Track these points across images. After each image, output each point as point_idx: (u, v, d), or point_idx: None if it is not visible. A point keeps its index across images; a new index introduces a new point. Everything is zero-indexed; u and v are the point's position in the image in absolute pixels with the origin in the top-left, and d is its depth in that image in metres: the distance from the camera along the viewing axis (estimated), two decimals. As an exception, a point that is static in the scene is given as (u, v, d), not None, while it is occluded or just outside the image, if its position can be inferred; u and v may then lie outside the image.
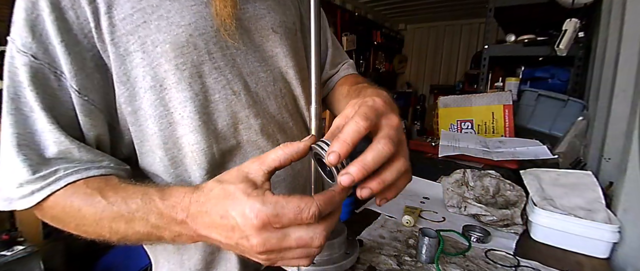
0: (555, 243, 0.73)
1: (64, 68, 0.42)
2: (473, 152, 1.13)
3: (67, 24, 0.42)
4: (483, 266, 0.63)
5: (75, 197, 0.41)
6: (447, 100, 1.52)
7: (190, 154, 0.49)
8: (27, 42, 0.41)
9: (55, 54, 0.42)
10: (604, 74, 1.16)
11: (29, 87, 0.41)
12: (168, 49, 0.45)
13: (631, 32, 0.97)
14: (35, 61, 0.41)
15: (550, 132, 1.43)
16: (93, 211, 0.40)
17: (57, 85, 0.43)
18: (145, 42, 0.44)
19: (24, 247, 1.10)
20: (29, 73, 0.41)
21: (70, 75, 0.42)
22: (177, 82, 0.46)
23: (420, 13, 4.61)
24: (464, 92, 3.69)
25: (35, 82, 0.41)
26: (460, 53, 5.04)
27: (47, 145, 0.41)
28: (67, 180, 0.41)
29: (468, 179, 0.94)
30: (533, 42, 1.72)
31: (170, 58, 0.45)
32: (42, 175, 0.41)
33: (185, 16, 0.46)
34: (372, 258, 0.63)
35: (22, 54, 0.41)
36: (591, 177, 0.85)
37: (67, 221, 0.43)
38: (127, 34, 0.44)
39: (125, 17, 0.43)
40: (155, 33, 0.44)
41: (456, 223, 0.82)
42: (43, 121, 0.41)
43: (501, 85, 1.88)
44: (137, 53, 0.44)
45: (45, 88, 0.42)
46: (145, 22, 0.44)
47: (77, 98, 0.43)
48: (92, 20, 0.42)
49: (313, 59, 0.46)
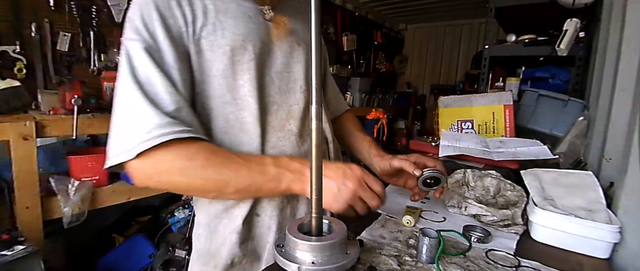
0: (556, 243, 0.73)
1: (167, 54, 0.60)
2: (473, 152, 1.13)
3: (169, 26, 0.61)
4: (484, 266, 0.63)
5: (202, 151, 0.58)
6: (448, 100, 1.51)
7: (238, 125, 0.68)
8: (144, 38, 0.59)
9: (162, 46, 0.60)
10: (605, 74, 1.16)
11: (148, 63, 0.57)
12: (227, 49, 0.65)
13: (632, 32, 0.97)
14: (151, 48, 0.58)
15: (551, 132, 1.43)
16: (230, 170, 0.58)
17: (165, 65, 0.59)
18: (212, 45, 0.64)
19: (24, 247, 1.10)
20: (147, 54, 0.57)
21: (172, 59, 0.60)
22: (232, 73, 0.66)
23: (421, 13, 4.61)
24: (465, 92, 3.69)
25: (152, 59, 0.58)
26: (461, 53, 5.04)
27: (167, 103, 0.56)
28: (188, 134, 0.56)
29: (468, 179, 0.94)
30: (534, 42, 1.72)
31: (229, 56, 0.65)
32: (167, 120, 0.55)
33: (240, 28, 0.66)
34: (373, 258, 0.63)
35: (140, 42, 0.58)
36: (592, 177, 0.85)
37: (182, 172, 0.57)
38: (202, 38, 0.64)
39: (201, 26, 0.64)
40: (220, 39, 0.65)
41: (457, 223, 0.81)
42: (162, 84, 0.57)
43: (502, 85, 1.88)
44: (207, 52, 0.65)
45: (159, 64, 0.58)
46: (214, 31, 0.64)
47: (178, 75, 0.60)
48: (183, 26, 0.63)
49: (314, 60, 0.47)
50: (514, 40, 1.81)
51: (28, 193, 1.33)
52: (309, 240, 0.54)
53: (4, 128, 1.26)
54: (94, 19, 1.88)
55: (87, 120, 1.48)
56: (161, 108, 0.55)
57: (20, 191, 1.31)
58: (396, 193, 1.03)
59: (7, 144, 1.29)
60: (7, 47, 1.62)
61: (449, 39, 5.12)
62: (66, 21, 1.79)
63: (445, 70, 5.24)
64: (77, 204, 1.44)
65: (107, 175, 1.61)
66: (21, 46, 1.65)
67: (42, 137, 1.38)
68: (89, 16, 1.87)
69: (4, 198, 1.37)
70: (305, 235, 0.56)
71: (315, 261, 0.52)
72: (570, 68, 1.71)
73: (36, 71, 1.72)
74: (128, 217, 2.14)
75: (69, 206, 1.41)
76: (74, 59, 1.85)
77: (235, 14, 0.66)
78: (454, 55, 5.12)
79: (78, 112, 1.40)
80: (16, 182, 1.30)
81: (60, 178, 1.45)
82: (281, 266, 0.54)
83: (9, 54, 1.62)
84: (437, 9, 4.37)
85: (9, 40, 1.63)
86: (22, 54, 1.65)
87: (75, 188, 1.45)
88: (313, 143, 0.54)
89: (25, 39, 1.67)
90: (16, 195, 1.31)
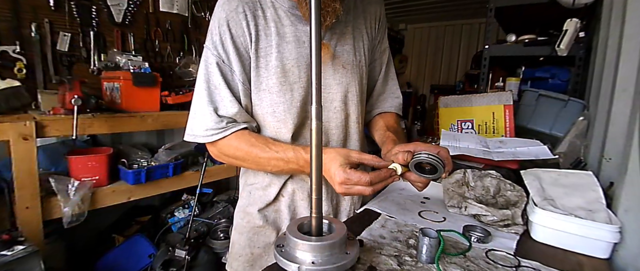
0: (556, 243, 0.73)
1: (235, 68, 0.76)
2: (473, 152, 1.12)
3: (237, 45, 0.76)
4: (484, 266, 0.63)
5: (244, 143, 0.76)
6: (448, 100, 1.51)
7: (281, 129, 0.82)
8: (220, 53, 0.76)
9: (231, 60, 0.76)
10: (605, 74, 1.16)
11: (218, 75, 0.75)
12: (278, 70, 0.77)
13: (632, 32, 0.97)
14: (222, 63, 0.76)
15: (551, 132, 1.43)
16: (264, 154, 0.75)
17: (231, 77, 0.77)
18: (268, 63, 0.77)
19: (24, 247, 1.10)
20: (218, 68, 0.76)
21: (238, 71, 0.77)
22: (278, 90, 0.78)
23: (421, 13, 4.61)
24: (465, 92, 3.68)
25: (222, 73, 0.76)
26: (461, 53, 5.04)
27: (226, 109, 0.76)
28: (233, 130, 0.76)
29: (469, 179, 0.94)
30: (534, 42, 1.72)
31: (279, 75, 0.77)
32: (222, 125, 0.75)
33: (293, 53, 0.77)
34: (373, 258, 0.63)
35: (215, 57, 0.76)
36: (592, 177, 0.85)
37: (235, 156, 0.78)
38: (260, 57, 0.77)
39: (262, 47, 0.77)
40: (273, 60, 0.77)
41: (457, 223, 0.81)
42: (225, 94, 0.75)
43: (502, 85, 1.88)
44: (262, 69, 0.78)
45: (226, 77, 0.76)
46: (271, 53, 0.77)
47: (241, 86, 0.78)
48: (249, 43, 0.76)
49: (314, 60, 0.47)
50: (514, 40, 1.80)
51: (28, 193, 1.33)
52: (309, 240, 0.54)
53: (4, 128, 1.26)
54: (94, 19, 1.88)
55: (87, 120, 1.48)
56: (221, 113, 0.76)
57: (20, 191, 1.31)
58: (395, 193, 1.03)
59: (7, 144, 1.29)
60: (7, 47, 1.62)
61: (449, 39, 5.12)
62: (66, 21, 1.79)
63: (445, 70, 5.24)
64: (77, 204, 1.44)
65: (107, 175, 1.61)
66: (21, 46, 1.65)
67: (42, 137, 1.38)
68: (89, 16, 1.87)
69: (4, 198, 1.37)
70: (305, 235, 0.56)
71: (315, 261, 0.52)
72: (570, 68, 1.71)
73: (36, 71, 1.72)
74: (128, 217, 2.14)
75: (69, 207, 1.41)
76: (74, 59, 1.85)
77: (290, 38, 0.77)
78: (454, 55, 5.12)
79: (78, 112, 1.40)
80: (16, 182, 1.30)
81: (60, 178, 1.45)
82: (281, 266, 0.54)
83: (9, 54, 1.62)
84: (437, 9, 4.37)
85: (9, 40, 1.63)
86: (22, 54, 1.65)
87: (75, 188, 1.45)
88: (313, 143, 0.54)
89: (25, 39, 1.67)
90: (16, 195, 1.31)
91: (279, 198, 0.87)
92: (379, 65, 0.98)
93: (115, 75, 1.74)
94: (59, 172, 1.57)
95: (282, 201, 0.87)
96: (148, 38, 2.14)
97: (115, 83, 1.73)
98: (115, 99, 1.72)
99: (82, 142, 1.90)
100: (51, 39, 1.75)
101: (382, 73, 0.98)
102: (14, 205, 1.32)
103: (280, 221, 0.88)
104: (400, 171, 0.68)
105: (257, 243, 0.88)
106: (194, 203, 1.93)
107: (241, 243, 0.90)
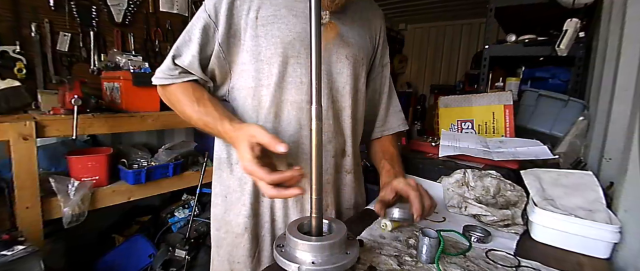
0: (556, 243, 0.73)
1: (220, 26, 0.75)
2: (473, 152, 1.12)
3: (232, 8, 0.75)
4: (484, 266, 0.63)
5: (185, 94, 0.76)
6: (448, 100, 1.51)
7: (264, 104, 0.78)
8: (210, 9, 0.75)
9: (219, 18, 0.75)
10: (605, 74, 1.16)
11: (198, 29, 0.75)
12: (278, 42, 0.74)
13: (632, 32, 0.97)
14: (209, 18, 0.75)
15: (551, 132, 1.43)
16: (191, 109, 0.75)
17: (212, 34, 0.76)
18: (267, 34, 0.74)
19: (24, 247, 1.10)
20: (203, 22, 0.75)
21: (221, 31, 0.75)
22: (276, 62, 0.75)
23: (421, 13, 4.61)
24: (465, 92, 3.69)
25: (203, 28, 0.75)
26: (461, 53, 5.04)
27: (183, 60, 0.76)
28: (183, 79, 0.77)
29: (468, 179, 0.94)
30: (534, 42, 1.71)
31: (278, 47, 0.74)
32: (174, 73, 0.76)
33: (296, 26, 0.75)
34: (373, 258, 0.63)
35: (205, 12, 0.75)
36: (592, 177, 0.85)
37: (176, 107, 0.79)
38: (261, 26, 0.75)
39: (265, 16, 0.74)
40: (275, 31, 0.74)
41: (457, 223, 0.81)
42: (193, 47, 0.75)
43: (502, 85, 1.88)
44: (262, 38, 0.75)
45: (206, 32, 0.75)
46: (274, 23, 0.74)
47: (216, 46, 0.76)
48: (246, 12, 0.75)
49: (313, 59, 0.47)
50: (514, 40, 1.80)
51: (28, 193, 1.33)
52: (309, 240, 0.54)
53: (4, 128, 1.26)
54: (94, 19, 1.88)
55: (87, 120, 1.48)
56: (177, 61, 0.76)
57: (20, 191, 1.31)
58: (396, 193, 1.03)
59: (7, 144, 1.29)
60: (7, 47, 1.62)
61: (449, 39, 5.12)
62: (66, 21, 1.79)
63: (445, 70, 5.24)
64: (77, 204, 1.44)
65: (107, 175, 1.61)
66: (21, 46, 1.65)
67: (42, 137, 1.38)
68: (89, 16, 1.87)
69: (4, 198, 1.37)
70: (305, 235, 0.56)
71: (315, 261, 0.52)
72: (570, 68, 1.71)
73: (36, 71, 1.72)
74: (128, 217, 2.14)
75: (69, 207, 1.41)
76: (74, 59, 1.85)
77: (297, 12, 0.75)
78: (454, 55, 5.11)
79: (78, 112, 1.40)
80: (16, 182, 1.30)
81: (60, 178, 1.45)
82: (281, 266, 0.54)
83: (9, 53, 1.62)
84: (437, 9, 4.37)
85: (9, 40, 1.63)
86: (22, 54, 1.66)
87: (75, 188, 1.45)
88: (313, 143, 0.54)
89: (25, 39, 1.67)
90: (16, 195, 1.31)
91: (259, 200, 0.82)
92: (381, 80, 0.96)
93: (115, 75, 1.74)
94: (59, 172, 1.57)
95: (263, 203, 0.82)
96: (148, 38, 2.14)
97: (115, 83, 1.72)
98: (115, 99, 1.72)
99: (82, 142, 1.90)
100: (51, 39, 1.75)
101: (386, 89, 0.97)
102: (14, 205, 1.32)
103: (260, 226, 0.83)
104: (390, 227, 0.75)
105: (237, 257, 0.82)
106: (194, 203, 1.93)
107: (220, 258, 0.85)
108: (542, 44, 1.66)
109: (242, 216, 0.81)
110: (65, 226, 1.43)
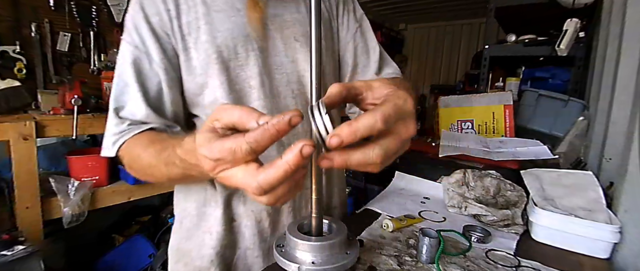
0: (556, 243, 0.73)
1: (152, 54, 0.60)
2: (473, 152, 1.12)
3: (153, 26, 0.60)
4: (484, 266, 0.63)
5: (139, 147, 0.55)
6: (448, 100, 1.51)
7: None
8: (133, 38, 0.60)
9: (147, 45, 0.60)
10: (605, 74, 1.16)
11: (130, 70, 0.59)
12: (208, 46, 0.61)
13: (632, 32, 0.97)
14: (137, 50, 0.60)
15: (551, 132, 1.43)
16: (147, 159, 0.53)
17: (149, 67, 0.60)
18: (197, 42, 0.61)
19: (24, 247, 1.10)
20: (133, 60, 0.60)
21: (158, 58, 0.60)
22: (213, 73, 0.62)
23: (421, 13, 4.61)
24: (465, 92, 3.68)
25: (135, 66, 0.60)
26: (461, 53, 5.04)
27: (131, 110, 0.59)
28: (134, 132, 0.57)
29: (469, 179, 0.94)
30: (534, 42, 1.71)
31: (211, 54, 0.61)
32: (122, 128, 0.58)
33: (225, 24, 0.61)
34: (373, 258, 0.63)
35: (130, 46, 0.60)
36: (592, 177, 0.85)
37: (135, 167, 0.58)
38: (186, 35, 0.61)
39: (186, 22, 0.61)
40: (203, 35, 0.61)
41: (457, 223, 0.81)
42: (134, 93, 0.58)
43: (502, 85, 1.88)
44: (191, 49, 0.62)
45: (141, 69, 0.60)
46: (199, 27, 0.61)
47: (164, 75, 0.60)
48: (168, 22, 0.60)
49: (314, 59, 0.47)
50: (514, 40, 1.80)
51: (28, 193, 1.33)
52: (309, 240, 0.54)
53: (4, 128, 1.26)
54: (94, 19, 1.88)
55: (87, 120, 1.48)
56: (123, 114, 0.59)
57: (20, 191, 1.31)
58: (395, 194, 1.03)
59: (7, 144, 1.29)
60: (7, 47, 1.62)
61: (449, 39, 5.12)
62: (66, 21, 1.79)
63: (445, 70, 5.24)
64: (77, 204, 1.44)
65: (107, 175, 1.61)
66: (21, 46, 1.65)
67: (42, 137, 1.38)
68: (89, 16, 1.86)
69: (4, 198, 1.37)
70: (305, 235, 0.56)
71: (315, 261, 0.52)
72: (570, 68, 1.71)
73: (36, 71, 1.72)
74: (128, 217, 2.13)
75: (69, 207, 1.41)
76: (74, 59, 1.85)
77: (220, 6, 0.62)
78: (454, 55, 5.11)
79: (78, 112, 1.40)
80: (16, 182, 1.30)
81: (60, 178, 1.45)
82: (281, 266, 0.54)
83: (9, 53, 1.62)
84: (437, 9, 4.36)
85: (9, 40, 1.62)
86: (22, 54, 1.65)
87: (75, 188, 1.45)
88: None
89: (25, 39, 1.67)
90: (16, 195, 1.31)
91: (231, 224, 0.67)
92: (360, 38, 0.77)
93: (115, 75, 1.74)
94: (59, 172, 1.57)
95: (235, 227, 0.68)
96: (148, 38, 2.14)
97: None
98: (115, 99, 1.72)
99: (82, 142, 1.90)
100: (51, 39, 1.75)
101: (372, 45, 0.79)
102: (14, 205, 1.32)
103: (232, 255, 0.68)
104: (391, 228, 0.70)
105: None
106: (194, 203, 1.93)
107: None
108: (542, 44, 1.66)
109: (208, 247, 0.66)
110: (65, 226, 1.43)
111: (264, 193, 0.33)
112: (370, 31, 0.80)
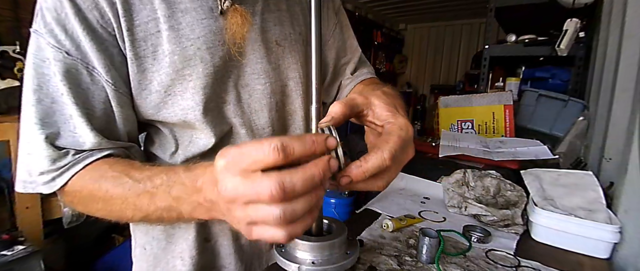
0: (556, 243, 0.73)
1: (95, 63, 0.44)
2: (473, 152, 1.12)
3: (90, 24, 0.43)
4: (484, 266, 0.63)
5: (102, 180, 0.43)
6: (448, 100, 1.51)
7: (191, 147, 0.54)
8: (61, 39, 0.42)
9: (86, 50, 0.43)
10: (605, 74, 1.16)
11: (61, 82, 0.42)
12: (176, 59, 0.47)
13: (632, 32, 0.97)
14: (67, 56, 0.43)
15: (551, 132, 1.43)
16: (121, 191, 0.41)
17: (90, 80, 0.45)
18: (156, 50, 0.47)
19: (24, 247, 1.10)
20: (61, 67, 0.43)
21: (103, 70, 0.44)
22: (183, 91, 0.49)
23: (421, 13, 4.61)
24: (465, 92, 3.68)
25: (68, 77, 0.43)
26: (461, 53, 5.04)
27: (74, 136, 0.44)
28: (85, 163, 0.44)
29: (469, 179, 0.94)
30: (534, 42, 1.71)
31: (178, 68, 0.48)
32: (65, 162, 0.43)
33: (196, 30, 0.48)
34: (373, 258, 0.63)
35: (55, 50, 0.43)
36: (592, 177, 0.85)
37: (92, 203, 0.45)
38: (140, 39, 0.46)
39: (140, 23, 0.46)
40: (166, 43, 0.47)
41: (457, 223, 0.81)
42: (72, 110, 0.43)
43: (502, 85, 1.88)
44: (148, 58, 0.47)
45: (76, 80, 0.44)
46: (159, 31, 0.47)
47: (111, 90, 0.46)
48: (114, 21, 0.44)
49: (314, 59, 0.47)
50: (514, 40, 1.80)
51: (28, 194, 1.33)
52: (308, 240, 0.54)
53: (4, 128, 1.26)
54: (94, 19, 1.88)
55: (87, 120, 1.48)
56: (61, 143, 0.44)
57: (20, 191, 1.31)
58: (395, 194, 1.03)
59: (7, 144, 1.29)
60: (7, 47, 1.62)
61: (449, 39, 5.12)
62: (66, 21, 1.79)
63: (445, 70, 5.25)
64: (77, 204, 1.44)
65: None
66: (21, 46, 1.65)
67: (42, 137, 1.38)
68: (89, 16, 1.87)
69: (4, 198, 1.37)
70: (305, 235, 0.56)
71: (315, 261, 0.52)
72: (570, 69, 1.71)
73: (36, 71, 1.72)
74: (128, 217, 2.14)
75: (69, 207, 1.41)
76: (74, 59, 1.85)
77: (189, 5, 0.48)
78: (454, 55, 5.12)
79: (78, 112, 1.40)
80: (16, 182, 1.30)
81: (60, 178, 1.45)
82: (281, 266, 0.54)
83: (9, 53, 1.62)
84: (437, 9, 4.37)
85: (9, 40, 1.63)
86: (22, 54, 1.65)
87: (75, 188, 1.45)
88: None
89: (25, 39, 1.66)
90: (16, 195, 1.31)
91: (205, 245, 0.58)
92: (338, 36, 0.70)
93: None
94: (59, 172, 1.57)
95: (209, 247, 0.59)
96: (148, 38, 2.14)
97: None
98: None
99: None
100: (51, 39, 1.75)
101: (350, 43, 0.72)
102: (14, 205, 1.32)
103: None
104: (391, 228, 0.70)
105: None
106: (194, 203, 1.93)
107: None
108: (542, 44, 1.66)
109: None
110: (65, 226, 1.43)
111: (283, 200, 0.28)
112: (348, 26, 0.74)
